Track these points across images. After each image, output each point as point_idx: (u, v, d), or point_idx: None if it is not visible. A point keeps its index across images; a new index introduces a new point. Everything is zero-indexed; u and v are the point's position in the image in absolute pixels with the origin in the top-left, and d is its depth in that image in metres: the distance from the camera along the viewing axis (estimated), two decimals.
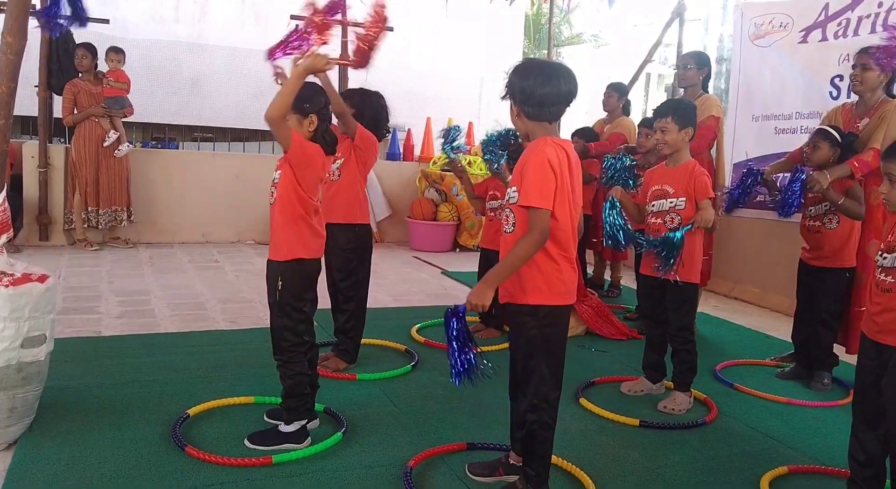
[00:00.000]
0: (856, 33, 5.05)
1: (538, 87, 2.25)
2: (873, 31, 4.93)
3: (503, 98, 2.35)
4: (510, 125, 2.59)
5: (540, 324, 2.32)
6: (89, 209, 6.55)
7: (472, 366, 2.25)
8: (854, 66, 3.83)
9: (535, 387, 2.34)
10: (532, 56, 20.21)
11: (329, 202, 3.36)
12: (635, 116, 5.97)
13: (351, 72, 7.74)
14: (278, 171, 2.76)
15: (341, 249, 3.54)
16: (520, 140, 3.66)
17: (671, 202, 3.33)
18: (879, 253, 2.34)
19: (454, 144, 4.13)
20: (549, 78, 2.25)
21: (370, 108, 3.58)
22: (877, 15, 4.95)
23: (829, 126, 3.77)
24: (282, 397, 2.83)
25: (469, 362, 2.25)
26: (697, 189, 3.28)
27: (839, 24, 5.21)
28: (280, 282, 2.74)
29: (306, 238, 2.76)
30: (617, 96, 5.66)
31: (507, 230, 2.37)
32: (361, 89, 3.68)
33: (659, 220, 3.36)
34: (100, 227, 6.62)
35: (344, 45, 6.18)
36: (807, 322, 3.88)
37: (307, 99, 2.66)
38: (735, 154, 5.96)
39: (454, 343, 2.25)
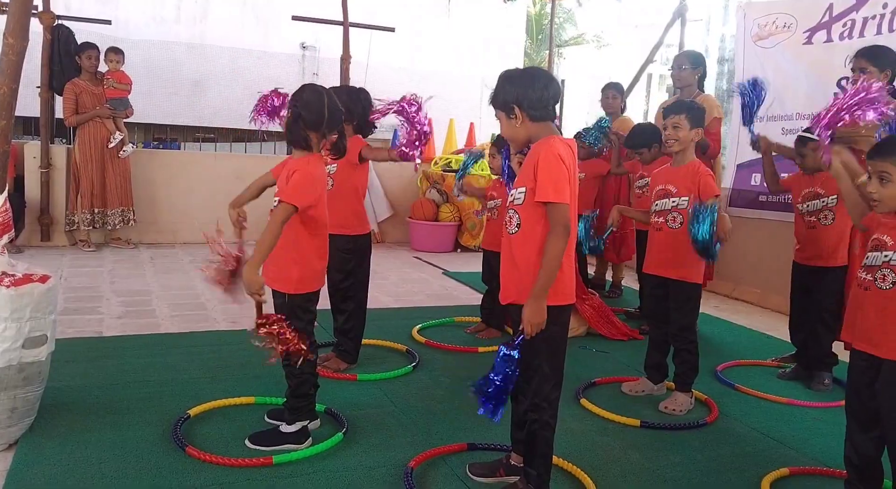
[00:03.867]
0: (861, 35, 5.02)
1: (542, 91, 2.31)
2: (879, 32, 4.92)
3: (497, 109, 2.37)
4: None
5: None
6: (96, 210, 6.54)
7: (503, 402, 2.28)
8: (853, 70, 3.83)
9: (536, 386, 2.35)
10: (532, 56, 20.29)
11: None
12: (636, 118, 5.98)
13: (351, 73, 7.74)
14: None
15: (340, 250, 3.53)
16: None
17: (674, 201, 3.33)
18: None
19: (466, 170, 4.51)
20: (544, 82, 2.33)
21: (360, 105, 3.57)
22: (882, 16, 4.93)
23: (805, 130, 3.74)
24: (286, 396, 2.83)
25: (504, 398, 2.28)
26: (703, 189, 3.27)
27: (844, 26, 5.19)
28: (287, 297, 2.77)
29: (313, 270, 2.81)
30: (619, 97, 5.69)
31: (511, 231, 2.37)
32: (346, 87, 3.66)
33: (661, 220, 3.37)
34: (108, 227, 6.64)
35: None
36: (803, 323, 3.87)
37: (298, 96, 2.77)
38: (740, 154, 5.95)
39: (504, 381, 2.25)
